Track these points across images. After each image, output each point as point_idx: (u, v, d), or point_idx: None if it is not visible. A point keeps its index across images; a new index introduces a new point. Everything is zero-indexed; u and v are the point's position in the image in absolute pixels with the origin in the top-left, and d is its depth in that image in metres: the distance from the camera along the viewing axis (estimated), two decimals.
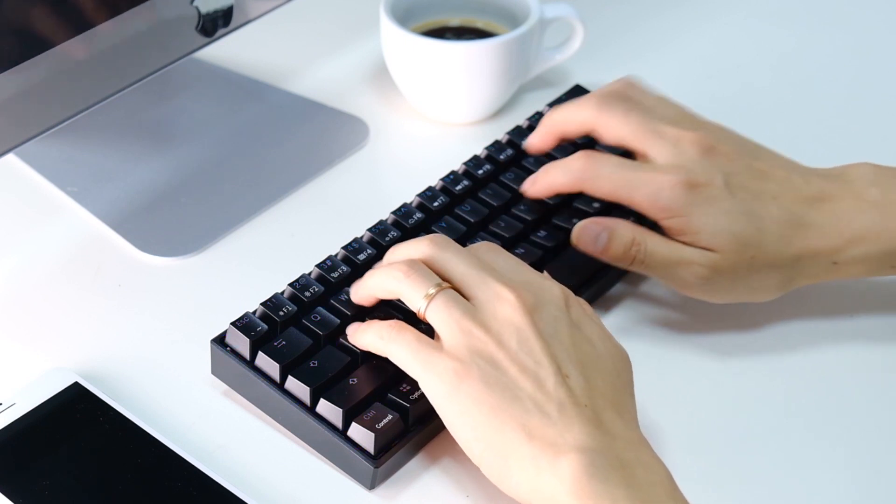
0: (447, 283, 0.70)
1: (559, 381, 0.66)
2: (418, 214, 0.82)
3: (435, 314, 0.69)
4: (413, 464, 0.73)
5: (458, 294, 0.69)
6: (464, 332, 0.67)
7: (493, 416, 0.66)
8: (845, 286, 0.83)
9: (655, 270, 0.78)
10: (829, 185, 0.78)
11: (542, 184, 0.81)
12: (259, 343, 0.74)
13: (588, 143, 0.85)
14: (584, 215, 0.83)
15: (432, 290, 0.69)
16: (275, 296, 0.76)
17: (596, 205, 0.84)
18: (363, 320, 0.74)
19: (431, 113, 0.98)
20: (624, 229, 0.78)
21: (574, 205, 0.84)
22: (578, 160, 0.79)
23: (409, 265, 0.70)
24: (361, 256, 0.79)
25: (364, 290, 0.73)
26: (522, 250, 0.81)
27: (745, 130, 0.98)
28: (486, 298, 0.69)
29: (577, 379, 0.67)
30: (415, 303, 0.69)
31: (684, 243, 0.77)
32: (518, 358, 0.67)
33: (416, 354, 0.68)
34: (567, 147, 0.86)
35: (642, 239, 0.77)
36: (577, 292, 0.78)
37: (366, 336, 0.72)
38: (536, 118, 0.90)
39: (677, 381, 0.78)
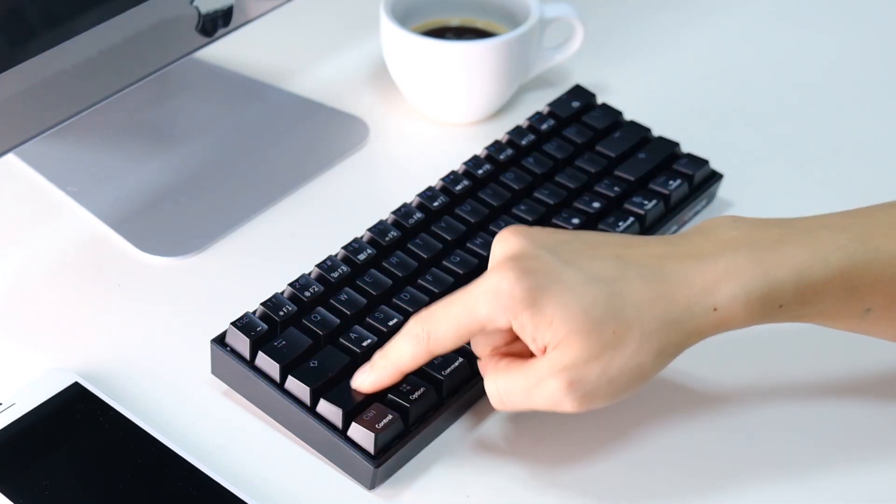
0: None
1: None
2: (418, 214, 0.82)
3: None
4: (413, 464, 0.73)
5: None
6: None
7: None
8: None
9: (532, 407, 0.67)
10: (677, 239, 0.69)
11: (381, 370, 0.71)
12: (259, 343, 0.74)
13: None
14: (585, 214, 0.83)
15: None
16: (275, 296, 0.76)
17: (596, 205, 0.84)
18: (369, 327, 0.75)
19: (431, 113, 0.98)
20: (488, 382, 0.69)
21: (574, 204, 0.84)
22: (413, 323, 0.69)
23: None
24: (361, 256, 0.79)
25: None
26: None
27: (745, 130, 0.98)
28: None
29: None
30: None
31: (542, 353, 0.66)
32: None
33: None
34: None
35: (496, 385, 0.68)
36: None
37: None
38: (536, 118, 0.90)
39: (675, 398, 0.78)
